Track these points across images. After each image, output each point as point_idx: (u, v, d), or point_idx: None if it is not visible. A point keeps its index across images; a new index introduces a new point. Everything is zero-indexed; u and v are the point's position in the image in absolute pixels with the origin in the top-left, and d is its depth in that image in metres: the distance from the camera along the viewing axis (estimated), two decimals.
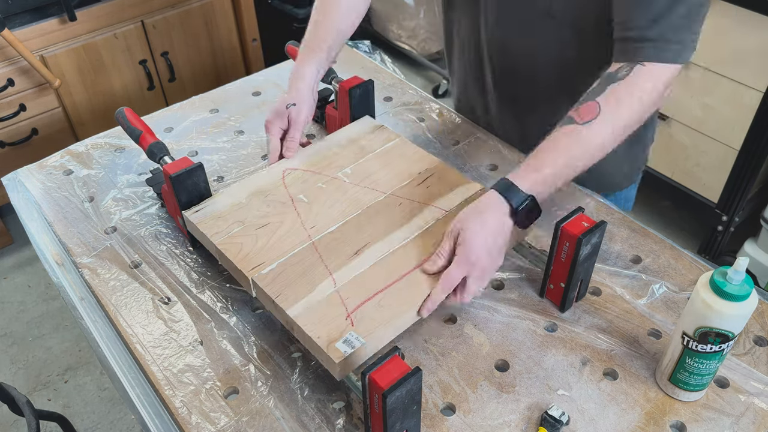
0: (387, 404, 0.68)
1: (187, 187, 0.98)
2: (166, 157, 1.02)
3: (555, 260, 0.90)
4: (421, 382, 0.72)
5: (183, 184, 0.97)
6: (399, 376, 0.69)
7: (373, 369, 0.70)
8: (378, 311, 0.83)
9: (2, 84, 2.05)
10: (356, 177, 1.04)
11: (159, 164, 1.03)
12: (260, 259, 0.90)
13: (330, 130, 1.22)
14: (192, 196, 0.99)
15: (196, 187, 0.99)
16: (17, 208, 1.18)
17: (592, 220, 0.86)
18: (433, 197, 1.00)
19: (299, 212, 0.98)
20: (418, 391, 0.72)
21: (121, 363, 0.91)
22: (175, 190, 0.97)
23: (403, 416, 0.72)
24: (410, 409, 0.73)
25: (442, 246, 0.87)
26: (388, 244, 0.92)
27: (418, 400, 0.73)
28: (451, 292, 0.85)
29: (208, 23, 2.42)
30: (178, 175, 0.96)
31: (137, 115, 1.11)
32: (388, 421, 0.71)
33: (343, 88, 1.15)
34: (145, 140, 1.05)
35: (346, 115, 1.18)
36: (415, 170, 1.05)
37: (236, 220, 0.96)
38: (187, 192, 0.99)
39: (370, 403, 0.72)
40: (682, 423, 0.81)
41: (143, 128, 1.07)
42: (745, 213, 2.17)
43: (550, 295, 0.94)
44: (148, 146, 1.04)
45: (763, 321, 0.92)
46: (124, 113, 1.10)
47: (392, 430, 0.72)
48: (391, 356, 0.72)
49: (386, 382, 0.69)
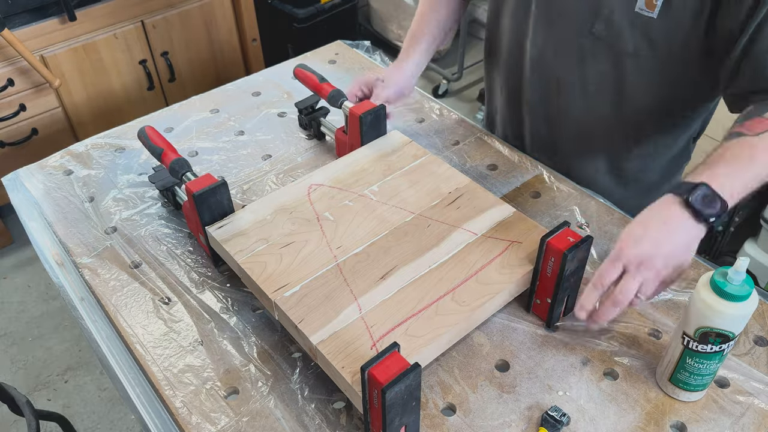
0: (386, 400, 0.68)
1: (210, 205, 0.96)
2: (189, 174, 1.01)
3: (541, 275, 0.88)
4: (420, 378, 0.72)
5: (206, 202, 0.95)
6: (398, 371, 0.69)
7: (373, 364, 0.70)
8: (405, 340, 0.80)
9: (2, 84, 2.05)
10: (384, 195, 1.02)
11: (182, 181, 1.01)
12: (284, 281, 0.88)
13: (340, 155, 1.19)
14: (215, 214, 0.97)
15: (219, 204, 0.97)
16: (17, 208, 1.17)
17: (578, 235, 0.85)
18: (463, 219, 0.97)
19: (324, 231, 0.95)
20: (417, 387, 0.72)
21: (121, 363, 0.91)
22: (198, 209, 0.95)
23: (402, 412, 0.72)
24: (409, 405, 0.73)
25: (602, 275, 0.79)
26: (416, 269, 0.89)
27: (417, 396, 0.73)
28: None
29: (208, 23, 2.42)
30: (201, 194, 0.93)
31: (158, 132, 1.10)
32: (387, 417, 0.71)
33: (354, 113, 1.10)
34: (167, 157, 1.04)
35: (356, 141, 1.13)
36: (445, 189, 1.02)
37: (260, 238, 0.94)
38: (210, 210, 0.96)
39: (370, 398, 0.72)
40: (683, 423, 0.81)
41: (165, 145, 1.06)
42: (745, 213, 2.16)
43: (536, 311, 0.93)
44: (170, 163, 1.02)
45: (764, 321, 0.92)
46: (145, 132, 1.09)
47: (391, 425, 0.72)
48: (390, 352, 0.72)
49: (385, 377, 0.69)
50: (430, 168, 1.07)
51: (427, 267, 0.90)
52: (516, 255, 0.91)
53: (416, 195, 1.02)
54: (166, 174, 1.09)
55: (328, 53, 1.55)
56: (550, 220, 1.09)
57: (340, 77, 1.45)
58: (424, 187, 1.03)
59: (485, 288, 0.87)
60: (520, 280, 0.89)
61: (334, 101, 1.16)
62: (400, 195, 1.02)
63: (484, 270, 0.89)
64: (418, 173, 1.06)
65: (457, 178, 1.04)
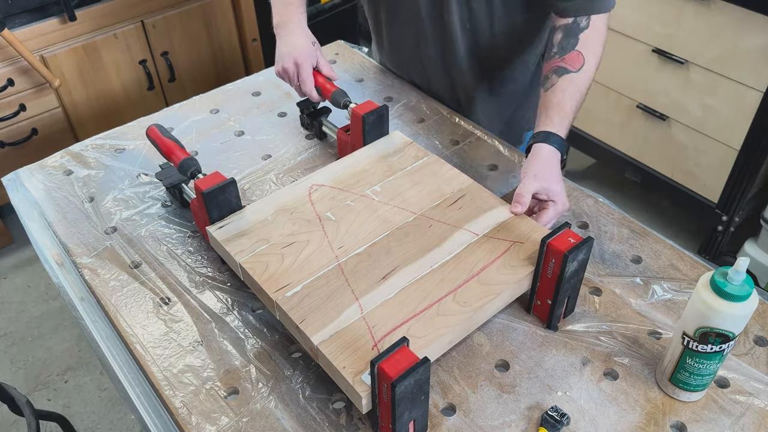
0: (396, 394, 0.69)
1: (219, 203, 0.96)
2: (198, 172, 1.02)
3: (541, 276, 0.88)
4: (429, 372, 0.72)
5: (215, 200, 0.95)
6: (408, 365, 0.70)
7: (383, 359, 0.70)
8: None
9: (2, 84, 2.05)
10: (385, 195, 1.02)
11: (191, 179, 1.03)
12: (285, 281, 0.88)
13: (342, 155, 1.19)
14: (223, 212, 0.97)
15: (227, 203, 0.97)
16: (17, 208, 1.17)
17: (579, 236, 0.85)
18: (465, 220, 0.97)
19: (326, 231, 0.95)
20: (426, 381, 0.72)
21: (121, 363, 0.91)
22: (207, 207, 0.95)
23: (411, 406, 0.73)
24: (418, 399, 0.73)
25: (523, 195, 0.97)
26: (417, 269, 0.89)
27: (426, 391, 0.73)
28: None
29: (208, 23, 2.41)
30: (210, 191, 0.94)
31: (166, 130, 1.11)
32: (397, 411, 0.71)
33: (357, 113, 1.11)
34: (176, 155, 1.05)
35: (358, 141, 1.14)
36: (447, 190, 1.02)
37: (261, 238, 0.94)
38: (219, 208, 0.97)
39: (379, 392, 0.73)
40: (683, 423, 0.81)
41: (174, 143, 1.07)
42: (745, 213, 2.17)
43: (537, 312, 0.93)
44: (181, 161, 1.03)
45: (764, 321, 0.92)
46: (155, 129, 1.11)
47: (400, 419, 0.73)
48: (399, 346, 0.72)
49: (395, 371, 0.69)
50: (432, 168, 1.07)
51: (429, 267, 0.90)
52: (517, 256, 0.91)
53: (418, 195, 1.02)
54: (174, 171, 1.09)
55: (328, 53, 1.55)
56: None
57: (340, 77, 1.45)
58: (425, 188, 1.03)
59: (487, 288, 0.87)
60: (521, 280, 0.89)
61: (337, 101, 1.16)
62: (402, 195, 1.02)
63: (485, 270, 0.89)
64: (420, 174, 1.06)
65: (458, 179, 1.04)
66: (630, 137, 2.33)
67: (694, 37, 1.97)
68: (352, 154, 1.10)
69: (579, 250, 0.84)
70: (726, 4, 1.84)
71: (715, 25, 1.89)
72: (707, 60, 1.97)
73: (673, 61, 2.05)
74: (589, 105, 2.38)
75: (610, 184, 2.60)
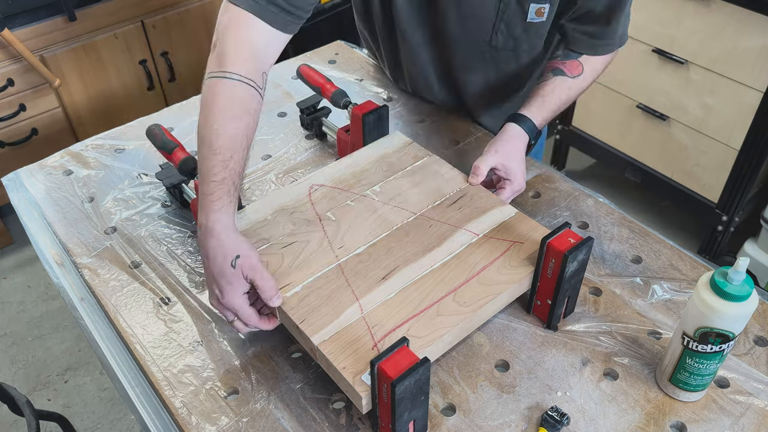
0: (396, 393, 0.69)
1: None
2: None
3: (541, 276, 0.88)
4: (429, 373, 0.72)
5: None
6: (408, 365, 0.70)
7: (383, 359, 0.70)
8: None
9: (2, 84, 2.05)
10: (385, 195, 1.02)
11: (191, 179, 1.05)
12: (286, 280, 0.88)
13: (342, 155, 1.19)
14: None
15: None
16: (17, 208, 1.17)
17: (579, 236, 0.85)
18: (465, 220, 0.97)
19: (326, 231, 0.95)
20: (426, 382, 0.72)
21: (121, 363, 0.91)
22: None
23: (411, 406, 0.73)
24: (418, 399, 0.73)
25: (479, 167, 1.01)
26: (417, 269, 0.89)
27: (426, 391, 0.73)
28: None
29: (208, 23, 2.41)
30: None
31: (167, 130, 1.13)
32: (397, 411, 0.71)
33: (356, 113, 1.11)
34: (176, 154, 1.06)
35: (358, 140, 1.14)
36: (447, 190, 1.02)
37: (261, 238, 0.94)
38: None
39: (379, 392, 0.73)
40: (683, 423, 0.81)
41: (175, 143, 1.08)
42: (745, 213, 2.17)
43: (537, 312, 0.93)
44: (180, 160, 1.04)
45: (764, 321, 0.92)
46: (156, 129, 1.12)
47: (400, 419, 0.73)
48: (399, 346, 0.72)
49: (395, 371, 0.69)
50: (432, 169, 1.07)
51: (429, 267, 0.90)
52: (517, 256, 0.91)
53: (418, 195, 1.02)
54: (174, 171, 1.09)
55: (328, 53, 1.55)
56: (551, 220, 1.09)
57: (341, 77, 1.45)
58: (425, 188, 1.03)
59: (487, 289, 0.87)
60: (521, 280, 0.89)
61: (337, 101, 1.16)
62: (402, 195, 1.02)
63: (485, 271, 0.89)
64: (420, 174, 1.06)
65: (458, 179, 1.04)
66: (630, 137, 2.33)
67: (694, 37, 1.97)
68: (352, 154, 1.10)
69: (579, 250, 0.84)
70: (726, 4, 1.84)
71: (715, 25, 1.89)
72: (707, 60, 1.97)
73: (673, 61, 2.05)
74: (589, 105, 2.39)
75: (610, 184, 2.60)
